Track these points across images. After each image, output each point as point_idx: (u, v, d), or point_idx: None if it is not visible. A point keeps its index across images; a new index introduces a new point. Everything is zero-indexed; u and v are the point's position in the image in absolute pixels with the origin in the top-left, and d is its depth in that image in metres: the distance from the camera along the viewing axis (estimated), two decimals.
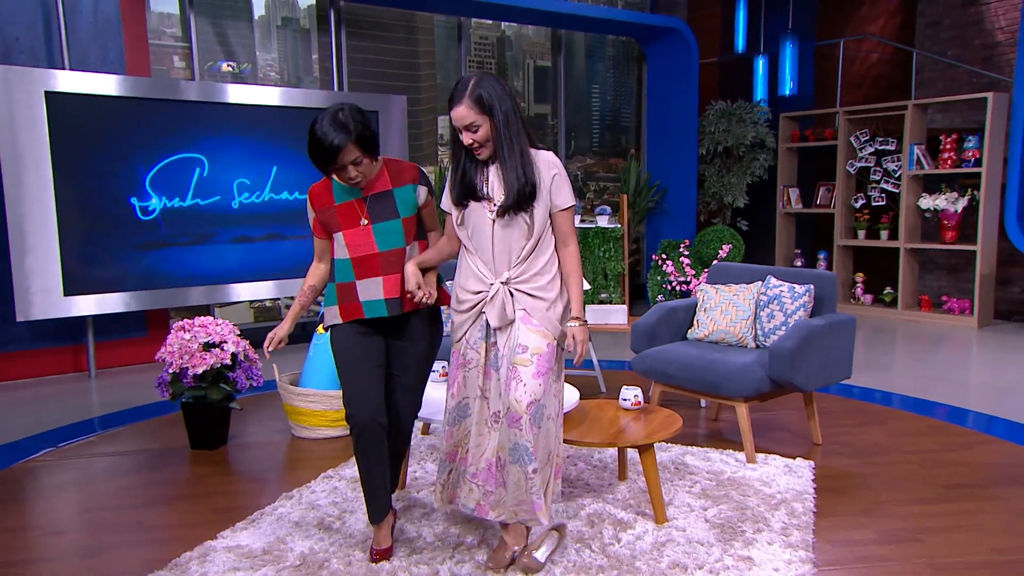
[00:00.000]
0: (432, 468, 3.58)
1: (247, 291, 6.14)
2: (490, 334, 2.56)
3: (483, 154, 2.45)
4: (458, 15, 7.77)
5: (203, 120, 5.79)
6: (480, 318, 2.55)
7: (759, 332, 3.91)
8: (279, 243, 6.24)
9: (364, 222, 2.60)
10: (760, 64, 8.45)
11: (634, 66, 9.29)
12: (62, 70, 5.34)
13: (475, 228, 2.51)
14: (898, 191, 7.75)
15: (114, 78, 5.44)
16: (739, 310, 3.95)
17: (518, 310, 2.49)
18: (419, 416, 2.94)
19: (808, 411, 3.92)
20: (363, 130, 2.47)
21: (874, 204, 8.04)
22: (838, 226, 8.25)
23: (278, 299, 6.90)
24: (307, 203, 2.72)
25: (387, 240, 2.61)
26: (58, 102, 5.19)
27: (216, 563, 2.68)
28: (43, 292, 5.24)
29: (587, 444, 2.90)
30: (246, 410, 4.55)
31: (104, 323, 5.81)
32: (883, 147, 7.88)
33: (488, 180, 2.48)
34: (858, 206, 8.16)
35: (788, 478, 3.39)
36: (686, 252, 6.36)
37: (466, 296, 2.55)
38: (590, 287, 5.99)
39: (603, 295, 6.34)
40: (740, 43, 8.38)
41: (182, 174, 5.76)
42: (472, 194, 2.49)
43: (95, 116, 5.36)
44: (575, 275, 2.54)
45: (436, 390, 3.35)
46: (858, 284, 8.21)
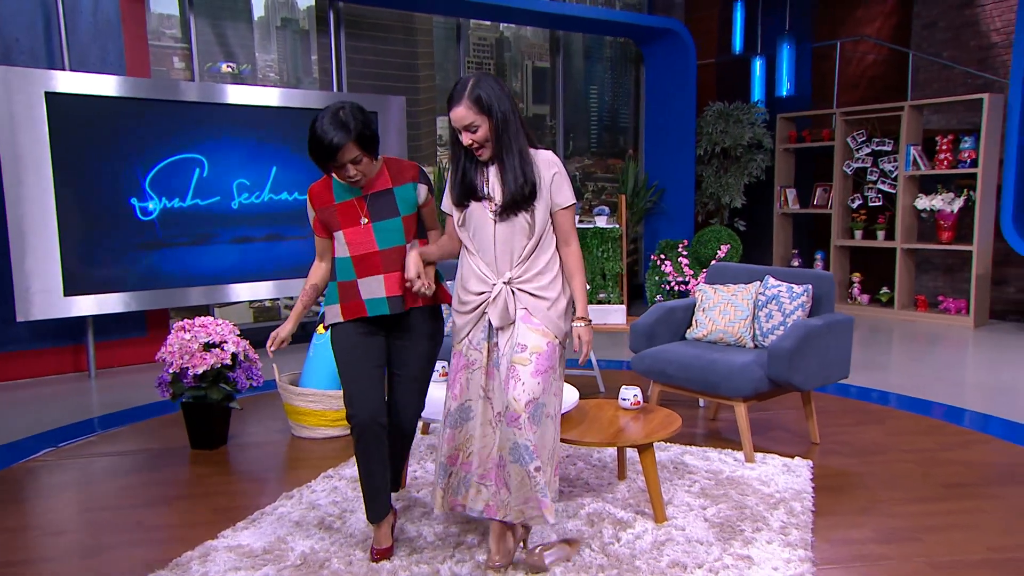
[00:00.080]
0: (432, 468, 3.57)
1: (246, 291, 6.14)
2: (492, 334, 2.55)
3: (483, 155, 2.44)
4: (457, 16, 7.77)
5: (203, 121, 5.79)
6: (483, 319, 2.54)
7: (757, 332, 3.91)
8: (279, 243, 6.24)
9: (364, 221, 2.59)
10: (757, 65, 8.47)
11: (632, 67, 9.30)
12: (62, 71, 5.34)
13: (476, 228, 2.50)
14: (894, 192, 7.77)
15: (114, 79, 5.44)
16: (737, 310, 3.95)
17: (519, 309, 2.48)
18: (421, 416, 2.91)
19: (806, 410, 3.92)
20: (363, 129, 2.46)
21: (871, 204, 8.06)
22: (835, 226, 8.27)
23: (277, 299, 6.90)
24: (307, 202, 2.70)
25: (387, 238, 2.60)
26: (58, 103, 5.19)
27: (217, 563, 2.68)
28: (43, 292, 5.24)
29: (587, 444, 2.89)
30: (246, 410, 4.55)
31: (104, 323, 5.81)
32: (880, 148, 7.90)
33: (488, 180, 2.48)
34: (855, 206, 8.18)
35: (786, 477, 3.39)
36: (684, 252, 6.38)
37: (468, 297, 2.54)
38: (588, 287, 6.01)
39: (601, 295, 6.35)
40: (737, 44, 8.40)
41: (182, 175, 5.76)
42: (472, 194, 2.48)
43: (95, 117, 5.36)
44: (578, 274, 2.53)
45: (437, 390, 3.34)
46: (855, 284, 8.23)
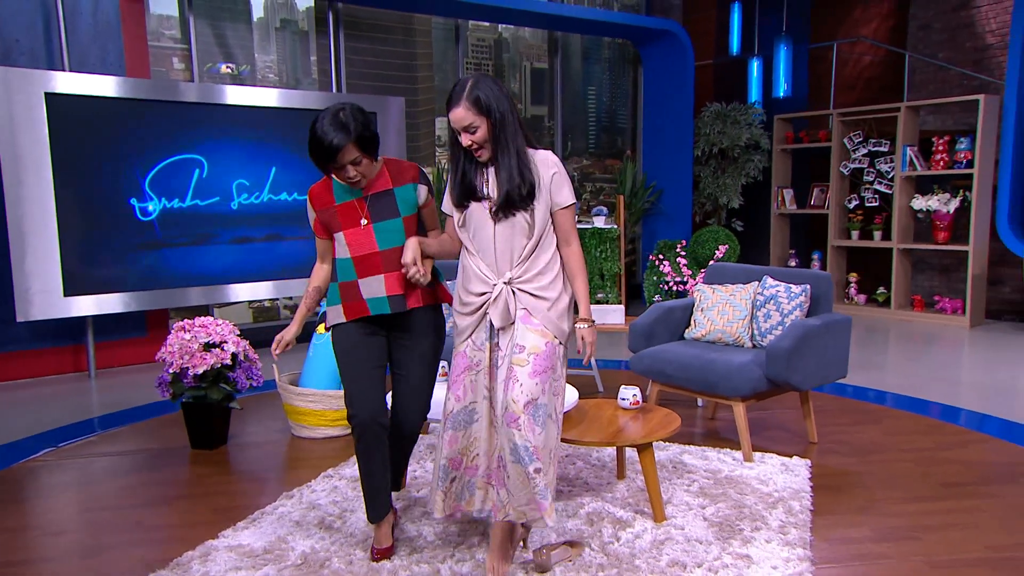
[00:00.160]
0: (432, 467, 3.56)
1: (246, 291, 6.15)
2: (494, 334, 2.54)
3: (483, 156, 2.43)
4: (455, 17, 7.78)
5: (202, 121, 5.79)
6: (485, 319, 2.53)
7: (756, 332, 3.92)
8: (278, 244, 6.24)
9: (364, 222, 2.59)
10: (754, 66, 8.49)
11: (630, 68, 9.31)
12: (62, 71, 5.34)
13: (476, 229, 2.50)
14: (891, 192, 7.80)
15: (114, 79, 5.44)
16: (736, 310, 3.96)
17: (519, 309, 2.47)
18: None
19: (804, 410, 3.93)
20: (363, 130, 2.46)
21: (867, 205, 8.08)
22: (832, 227, 8.30)
23: (277, 299, 6.91)
24: (307, 203, 2.70)
25: (388, 239, 2.59)
26: (58, 103, 5.19)
27: (218, 562, 2.68)
28: (43, 292, 5.24)
29: (586, 443, 2.89)
30: (246, 410, 4.56)
31: (104, 323, 5.81)
32: (876, 148, 7.92)
33: (488, 181, 2.47)
34: (852, 207, 8.21)
35: (785, 476, 3.41)
36: (682, 252, 6.39)
37: (470, 298, 2.53)
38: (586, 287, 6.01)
39: (600, 295, 6.37)
40: (735, 45, 8.42)
41: (182, 175, 5.76)
42: (472, 195, 2.48)
43: (95, 117, 5.36)
44: (579, 275, 2.53)
45: (438, 390, 3.33)
46: (852, 284, 8.25)
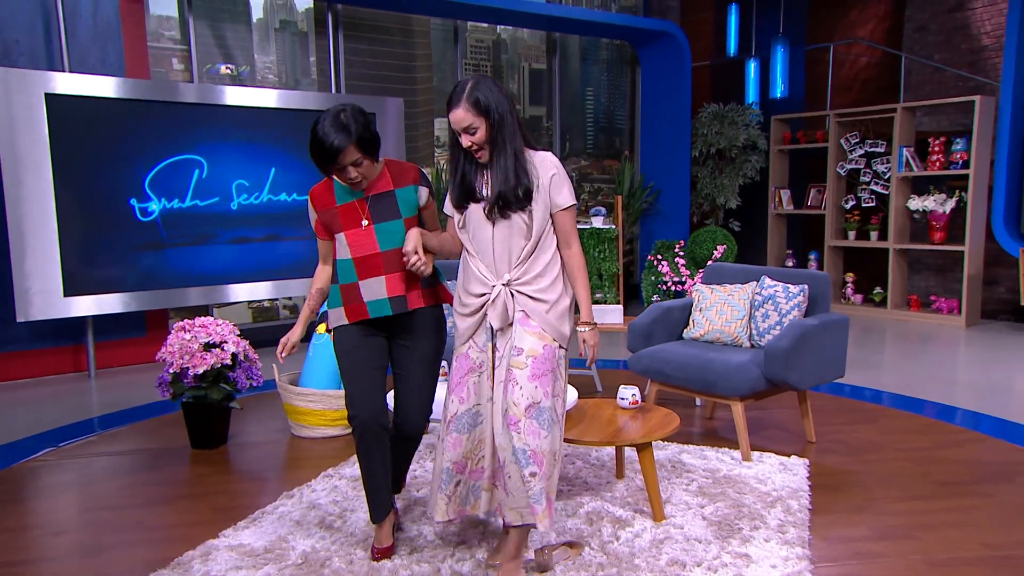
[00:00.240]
0: (432, 467, 3.56)
1: (245, 291, 6.15)
2: (494, 335, 2.54)
3: (483, 157, 2.42)
4: (454, 19, 7.79)
5: (202, 122, 5.80)
6: (485, 320, 2.53)
7: (754, 332, 3.93)
8: (277, 244, 6.25)
9: (365, 223, 2.59)
10: (752, 67, 8.51)
11: (628, 69, 9.33)
12: (62, 72, 5.35)
13: (475, 230, 2.48)
14: (887, 192, 7.83)
15: (113, 80, 5.45)
16: (734, 310, 3.97)
17: (517, 311, 2.45)
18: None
19: (802, 409, 3.94)
20: (364, 131, 2.46)
21: (864, 205, 8.11)
22: (829, 227, 8.33)
23: (276, 299, 6.92)
24: (308, 204, 2.70)
25: (389, 240, 2.59)
26: (58, 104, 5.20)
27: (219, 562, 2.68)
28: (43, 293, 5.24)
29: (586, 443, 2.90)
30: (246, 410, 4.56)
31: (103, 323, 5.82)
32: (873, 149, 7.96)
33: (488, 182, 2.46)
34: (848, 207, 8.24)
35: (783, 476, 3.42)
36: (681, 253, 6.41)
37: (469, 299, 2.52)
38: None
39: (598, 295, 6.39)
40: (732, 47, 8.45)
41: (181, 175, 5.77)
42: (471, 196, 2.47)
43: (95, 118, 5.36)
44: (580, 277, 2.51)
45: (440, 390, 3.34)
46: (848, 284, 8.29)
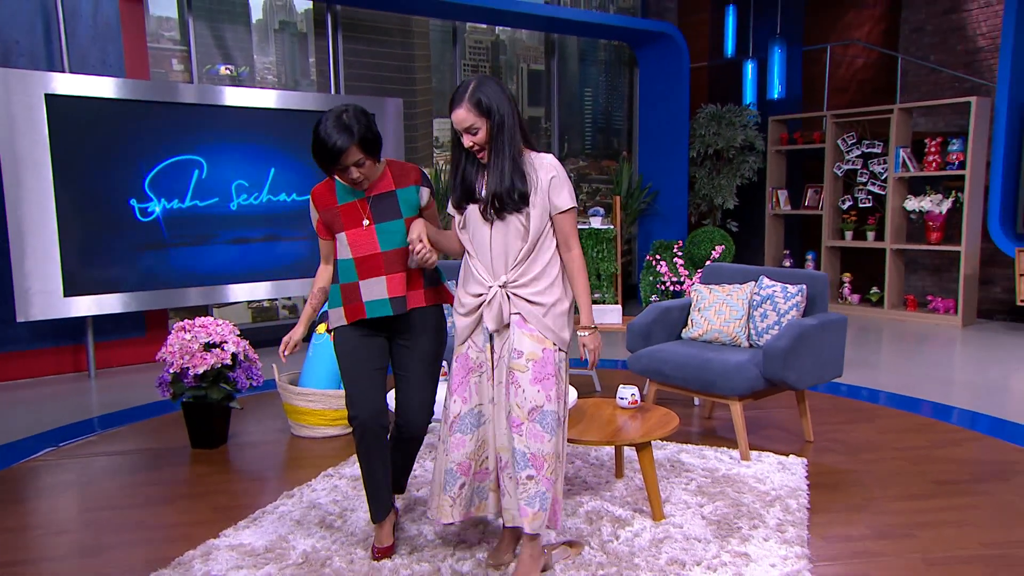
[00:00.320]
0: (432, 467, 3.56)
1: (245, 292, 6.16)
2: (492, 336, 2.53)
3: (485, 157, 2.42)
4: (453, 20, 7.80)
5: (202, 123, 5.80)
6: (482, 321, 2.52)
7: (752, 331, 3.94)
8: (277, 244, 6.26)
9: (366, 223, 2.59)
10: (749, 68, 8.53)
11: (626, 70, 9.34)
12: (62, 73, 5.35)
13: (474, 231, 2.48)
14: (884, 193, 7.86)
15: (113, 81, 5.45)
16: (733, 310, 3.98)
17: (513, 314, 2.44)
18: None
19: (800, 409, 3.95)
20: (366, 132, 2.47)
21: (861, 206, 8.14)
22: (826, 227, 8.35)
23: (275, 299, 6.92)
24: (310, 204, 2.70)
25: (390, 240, 2.60)
26: (58, 104, 5.20)
27: (219, 561, 2.69)
28: (43, 293, 5.25)
29: (585, 442, 2.90)
30: (246, 409, 4.57)
31: (103, 323, 5.82)
32: (869, 150, 7.98)
33: (486, 182, 2.45)
34: (845, 208, 8.26)
35: (782, 475, 3.43)
36: (679, 253, 6.43)
37: (467, 299, 2.52)
38: None
39: (596, 295, 6.41)
40: (729, 48, 8.47)
41: (181, 176, 5.78)
42: (471, 196, 2.47)
43: (95, 118, 5.37)
44: (580, 281, 2.48)
45: (440, 391, 3.34)
46: (845, 284, 8.31)
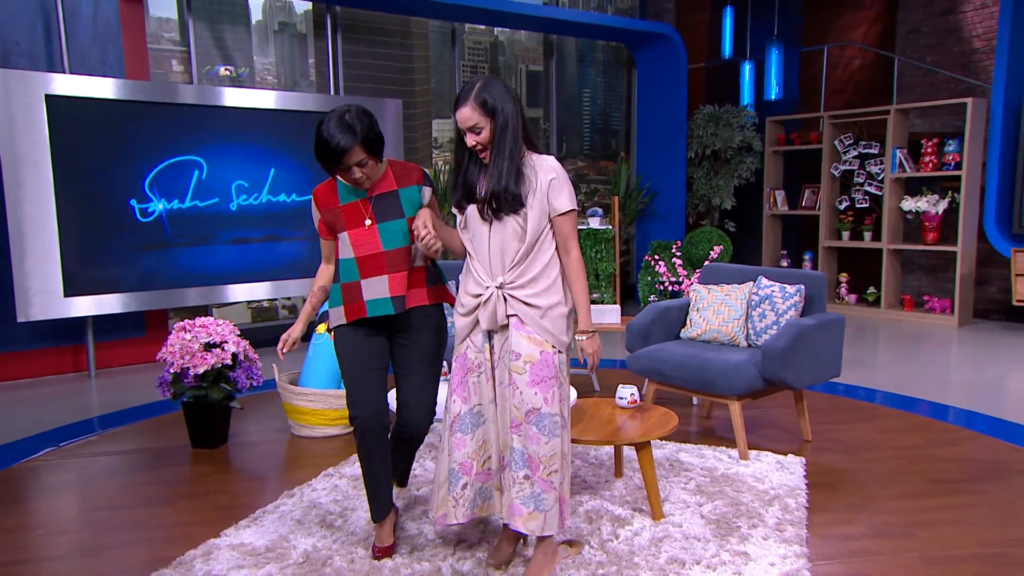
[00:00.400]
0: (432, 466, 3.57)
1: (244, 292, 6.16)
2: (491, 336, 2.53)
3: (487, 157, 2.42)
4: (452, 21, 7.81)
5: (201, 123, 5.81)
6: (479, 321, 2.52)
7: (751, 331, 3.95)
8: (276, 244, 6.26)
9: (368, 222, 2.60)
10: (746, 69, 8.56)
11: (624, 71, 9.35)
12: (62, 74, 5.36)
13: (474, 231, 2.48)
14: (881, 193, 7.88)
15: (113, 82, 5.45)
16: (731, 310, 4.00)
17: (510, 315, 2.43)
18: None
19: (798, 408, 3.96)
20: (369, 132, 2.48)
21: (858, 206, 8.17)
22: (823, 227, 8.38)
23: (275, 300, 6.93)
24: (312, 204, 2.70)
25: (392, 239, 2.60)
26: (58, 105, 5.20)
27: (220, 561, 2.69)
28: (43, 293, 5.25)
29: (585, 442, 2.91)
30: (246, 409, 4.57)
31: (103, 323, 5.82)
32: (866, 151, 8.01)
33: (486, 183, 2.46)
34: (842, 208, 8.29)
35: (780, 474, 3.44)
36: (678, 253, 6.45)
37: (467, 300, 2.52)
38: None
39: (595, 295, 6.42)
40: (727, 49, 8.49)
41: (181, 176, 5.78)
42: (471, 196, 2.47)
43: (95, 119, 5.37)
44: (579, 284, 2.47)
45: (441, 391, 3.35)
46: (842, 284, 8.34)
